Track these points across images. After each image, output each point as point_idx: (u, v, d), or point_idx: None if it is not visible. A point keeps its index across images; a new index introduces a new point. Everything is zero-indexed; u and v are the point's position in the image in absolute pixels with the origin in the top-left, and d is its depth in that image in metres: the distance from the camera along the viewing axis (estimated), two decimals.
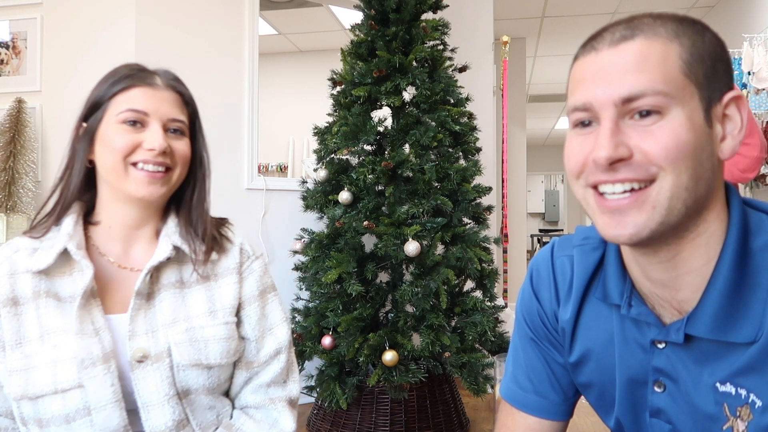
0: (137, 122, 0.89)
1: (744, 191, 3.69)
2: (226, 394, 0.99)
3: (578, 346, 0.78)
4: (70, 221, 0.91)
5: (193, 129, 0.98)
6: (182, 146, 0.93)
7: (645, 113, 0.59)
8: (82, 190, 0.94)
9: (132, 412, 0.87)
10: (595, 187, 0.62)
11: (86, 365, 0.83)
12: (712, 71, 0.60)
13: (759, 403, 0.59)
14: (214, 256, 0.96)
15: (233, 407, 0.99)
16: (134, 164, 0.89)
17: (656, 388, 0.69)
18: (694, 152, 0.58)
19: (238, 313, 0.97)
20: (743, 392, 0.61)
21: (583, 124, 0.63)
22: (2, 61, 2.69)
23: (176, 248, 0.93)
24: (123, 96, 0.90)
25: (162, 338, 0.89)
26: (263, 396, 0.98)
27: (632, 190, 0.59)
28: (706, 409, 0.64)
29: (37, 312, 0.87)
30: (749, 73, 3.40)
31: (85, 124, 0.93)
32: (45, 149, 2.63)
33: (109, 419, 0.83)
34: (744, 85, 3.43)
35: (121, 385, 0.86)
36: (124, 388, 0.87)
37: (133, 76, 0.92)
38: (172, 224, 0.96)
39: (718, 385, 0.63)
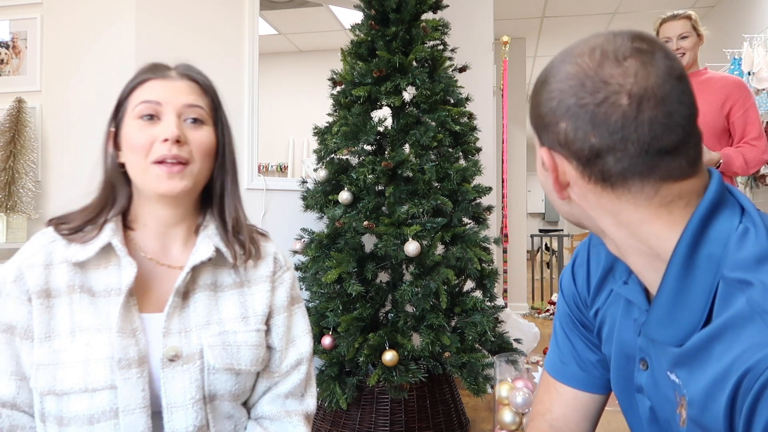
0: (153, 116, 0.87)
1: (743, 192, 3.69)
2: (244, 404, 0.97)
3: (599, 319, 0.83)
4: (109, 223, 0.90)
5: (216, 119, 0.94)
6: (201, 136, 0.90)
7: None
8: (124, 194, 0.92)
9: (160, 414, 0.86)
10: None
11: (122, 366, 0.82)
12: (541, 123, 0.67)
13: (687, 396, 0.63)
14: (250, 263, 0.95)
15: (248, 417, 0.97)
16: (155, 163, 0.86)
17: (641, 366, 0.74)
18: (544, 185, 0.71)
19: (267, 322, 0.96)
20: (681, 383, 0.64)
21: None
22: (2, 61, 2.69)
23: (218, 250, 0.92)
24: (138, 91, 0.89)
25: (195, 339, 0.87)
26: (279, 407, 0.96)
27: None
28: (666, 392, 0.68)
29: (71, 307, 0.85)
30: (749, 74, 3.41)
31: (113, 129, 0.92)
32: (45, 149, 2.63)
33: (135, 424, 0.82)
34: None
35: (155, 386, 0.85)
36: (157, 389, 0.85)
37: (148, 71, 0.92)
38: (212, 225, 0.94)
39: (668, 372, 0.67)
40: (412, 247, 2.16)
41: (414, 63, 2.40)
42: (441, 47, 2.49)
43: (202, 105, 0.91)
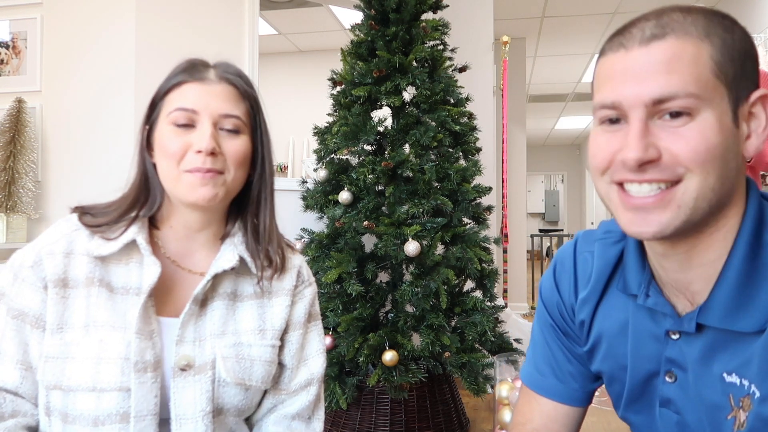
0: (188, 123, 0.84)
1: None
2: (247, 419, 0.94)
3: (593, 335, 0.80)
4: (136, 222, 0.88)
5: (254, 126, 0.90)
6: (236, 145, 0.86)
7: (675, 114, 0.59)
8: (161, 194, 0.89)
9: (164, 423, 0.83)
10: (620, 184, 0.63)
11: (138, 369, 0.79)
12: (741, 70, 0.60)
13: (758, 393, 0.61)
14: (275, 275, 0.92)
15: None
16: (187, 171, 0.83)
17: (668, 379, 0.71)
18: (722, 154, 0.59)
19: (282, 337, 0.93)
20: (746, 383, 0.62)
21: (610, 120, 0.63)
22: (2, 61, 2.69)
23: (242, 259, 0.89)
24: (174, 94, 0.86)
25: (208, 349, 0.85)
26: (284, 430, 0.93)
27: (659, 189, 0.60)
28: (713, 399, 0.65)
29: (87, 300, 0.82)
30: None
31: (147, 127, 0.89)
32: (45, 149, 2.63)
33: (145, 430, 0.79)
34: None
35: (165, 393, 0.82)
36: (166, 396, 0.83)
37: (186, 71, 0.88)
38: (239, 233, 0.91)
39: (725, 375, 0.64)
40: (412, 247, 2.16)
41: (414, 63, 2.40)
42: (441, 47, 2.49)
43: (238, 114, 0.87)
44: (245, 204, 0.93)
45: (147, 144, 0.89)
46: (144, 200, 0.89)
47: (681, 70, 0.58)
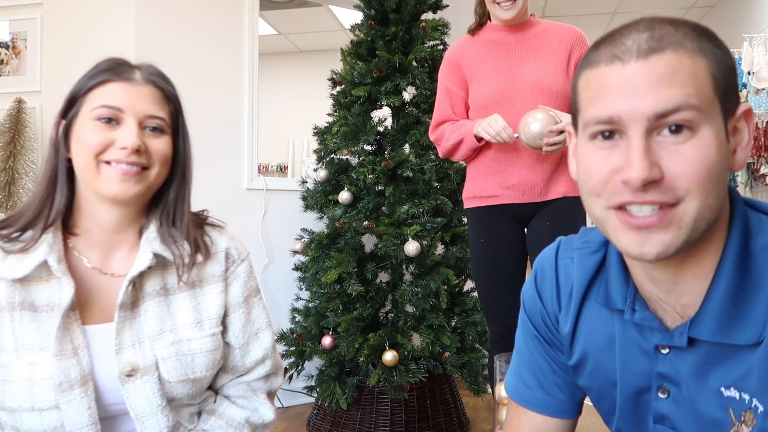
0: (112, 119, 0.84)
1: (744, 191, 3.69)
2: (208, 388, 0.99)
3: (577, 350, 0.77)
4: (50, 228, 0.86)
5: (175, 127, 0.92)
6: (160, 145, 0.87)
7: (675, 129, 0.56)
8: (67, 194, 0.87)
9: (108, 420, 0.86)
10: (619, 207, 0.60)
11: (63, 389, 0.80)
12: (730, 84, 0.59)
13: (761, 408, 0.59)
14: (199, 258, 0.91)
15: (216, 394, 0.99)
16: (107, 162, 0.83)
17: (660, 394, 0.69)
18: (719, 172, 0.57)
19: (223, 321, 0.94)
20: (747, 397, 0.60)
21: (603, 135, 0.60)
22: (2, 61, 2.69)
23: (157, 255, 0.88)
24: (98, 91, 0.86)
25: (149, 351, 0.86)
26: (245, 388, 0.98)
27: (660, 208, 0.58)
28: (712, 414, 0.63)
29: (12, 324, 0.82)
30: (749, 73, 3.40)
31: (63, 121, 0.89)
32: (45, 149, 2.63)
33: None
34: (744, 85, 3.43)
35: (102, 398, 0.84)
36: (105, 400, 0.85)
37: (111, 70, 0.89)
38: (153, 228, 0.90)
39: (723, 389, 0.62)
40: (412, 247, 2.16)
41: (414, 63, 2.40)
42: (441, 47, 2.49)
43: (163, 116, 0.88)
44: (162, 201, 0.93)
45: (64, 140, 0.88)
46: (51, 200, 0.87)
47: (682, 83, 0.56)
